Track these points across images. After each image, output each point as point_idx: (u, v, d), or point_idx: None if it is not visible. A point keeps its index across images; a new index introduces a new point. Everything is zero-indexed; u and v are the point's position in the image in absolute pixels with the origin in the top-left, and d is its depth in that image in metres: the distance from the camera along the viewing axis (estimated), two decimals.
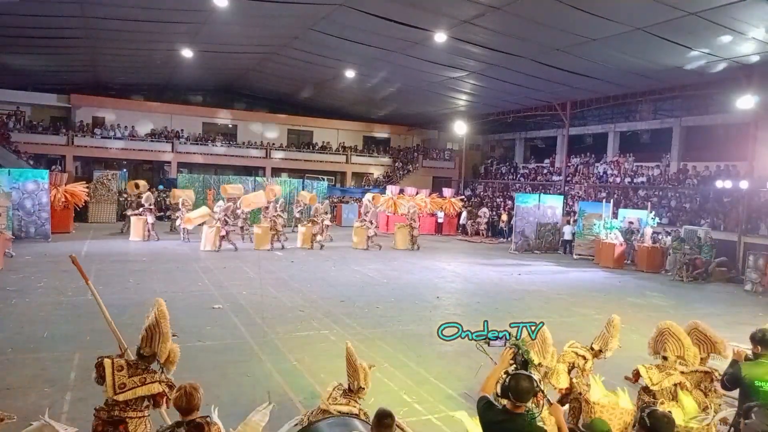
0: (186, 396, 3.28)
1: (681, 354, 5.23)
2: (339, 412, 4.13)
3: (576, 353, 5.26)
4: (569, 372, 5.17)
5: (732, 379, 4.33)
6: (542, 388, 3.31)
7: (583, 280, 15.91)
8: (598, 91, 23.62)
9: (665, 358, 5.21)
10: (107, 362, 3.77)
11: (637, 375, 5.14)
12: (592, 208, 21.10)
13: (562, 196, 24.05)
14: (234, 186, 22.10)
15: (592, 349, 5.36)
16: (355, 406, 4.27)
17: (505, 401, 3.28)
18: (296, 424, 3.98)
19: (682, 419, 4.60)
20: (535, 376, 3.35)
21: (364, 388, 4.41)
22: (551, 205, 22.45)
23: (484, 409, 3.35)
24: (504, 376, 3.36)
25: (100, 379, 3.77)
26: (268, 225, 18.33)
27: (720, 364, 5.16)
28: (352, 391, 4.42)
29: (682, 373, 5.15)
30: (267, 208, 19.30)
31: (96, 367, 3.82)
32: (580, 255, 20.45)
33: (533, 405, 3.38)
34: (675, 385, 5.04)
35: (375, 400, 5.11)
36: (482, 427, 3.40)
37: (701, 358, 5.30)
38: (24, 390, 6.25)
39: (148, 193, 20.35)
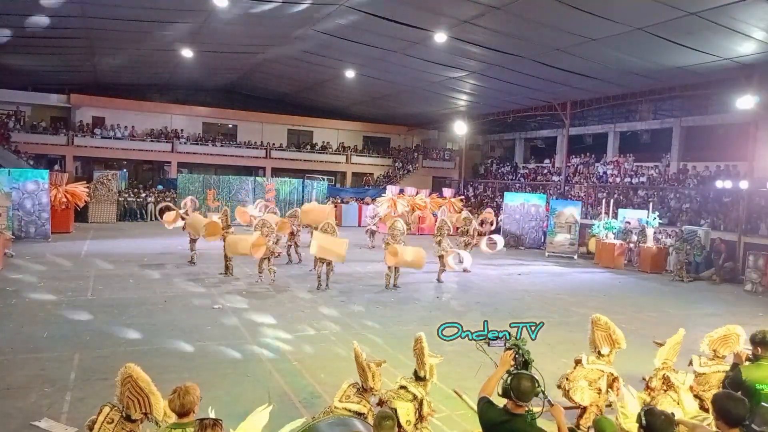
0: (180, 398, 3.29)
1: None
2: (348, 410, 4.17)
3: (602, 371, 5.26)
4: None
5: (733, 383, 4.24)
6: (543, 388, 3.30)
7: (583, 280, 15.90)
8: (598, 91, 23.58)
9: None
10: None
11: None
12: (563, 206, 21.33)
13: (544, 195, 24.79)
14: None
15: (600, 355, 5.34)
16: (366, 406, 4.30)
17: (506, 401, 3.28)
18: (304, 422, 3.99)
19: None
20: (537, 376, 3.34)
21: (373, 388, 4.43)
22: (535, 203, 23.04)
23: (485, 409, 3.34)
24: (506, 375, 3.35)
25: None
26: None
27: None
28: (365, 390, 4.44)
29: (701, 374, 5.17)
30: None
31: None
32: (552, 253, 20.45)
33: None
34: (662, 380, 4.99)
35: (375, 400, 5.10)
36: (482, 428, 3.39)
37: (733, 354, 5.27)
38: (24, 390, 6.25)
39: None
